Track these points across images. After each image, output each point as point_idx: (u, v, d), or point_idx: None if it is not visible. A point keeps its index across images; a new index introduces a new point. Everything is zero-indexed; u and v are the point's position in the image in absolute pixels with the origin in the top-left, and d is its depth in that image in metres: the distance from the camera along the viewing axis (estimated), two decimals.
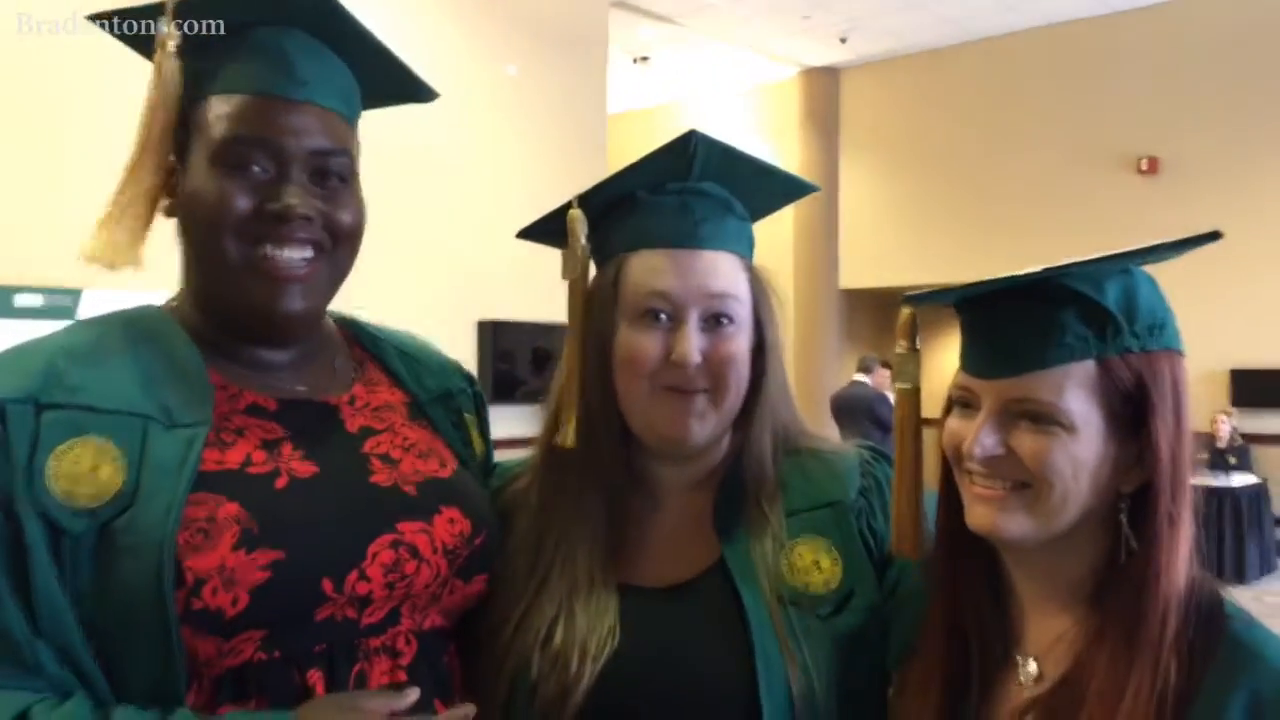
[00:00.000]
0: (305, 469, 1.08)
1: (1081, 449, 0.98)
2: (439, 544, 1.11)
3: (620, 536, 1.22)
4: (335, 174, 1.11)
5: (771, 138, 10.55)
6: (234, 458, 1.05)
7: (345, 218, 1.12)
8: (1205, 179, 8.62)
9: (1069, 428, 0.98)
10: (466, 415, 1.31)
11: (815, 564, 1.17)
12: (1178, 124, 8.76)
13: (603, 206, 1.23)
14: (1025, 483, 1.00)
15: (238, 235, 1.06)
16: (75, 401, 1.01)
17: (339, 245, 1.12)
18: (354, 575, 1.05)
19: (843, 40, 9.58)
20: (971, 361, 1.04)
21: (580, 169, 8.04)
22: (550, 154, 7.74)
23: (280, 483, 1.06)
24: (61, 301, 5.02)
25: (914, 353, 1.11)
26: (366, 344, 1.28)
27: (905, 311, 1.12)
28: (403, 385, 1.26)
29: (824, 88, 10.55)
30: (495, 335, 6.98)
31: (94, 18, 1.15)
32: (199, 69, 1.09)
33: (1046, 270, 0.98)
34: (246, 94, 1.08)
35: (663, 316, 1.17)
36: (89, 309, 5.02)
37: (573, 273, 1.22)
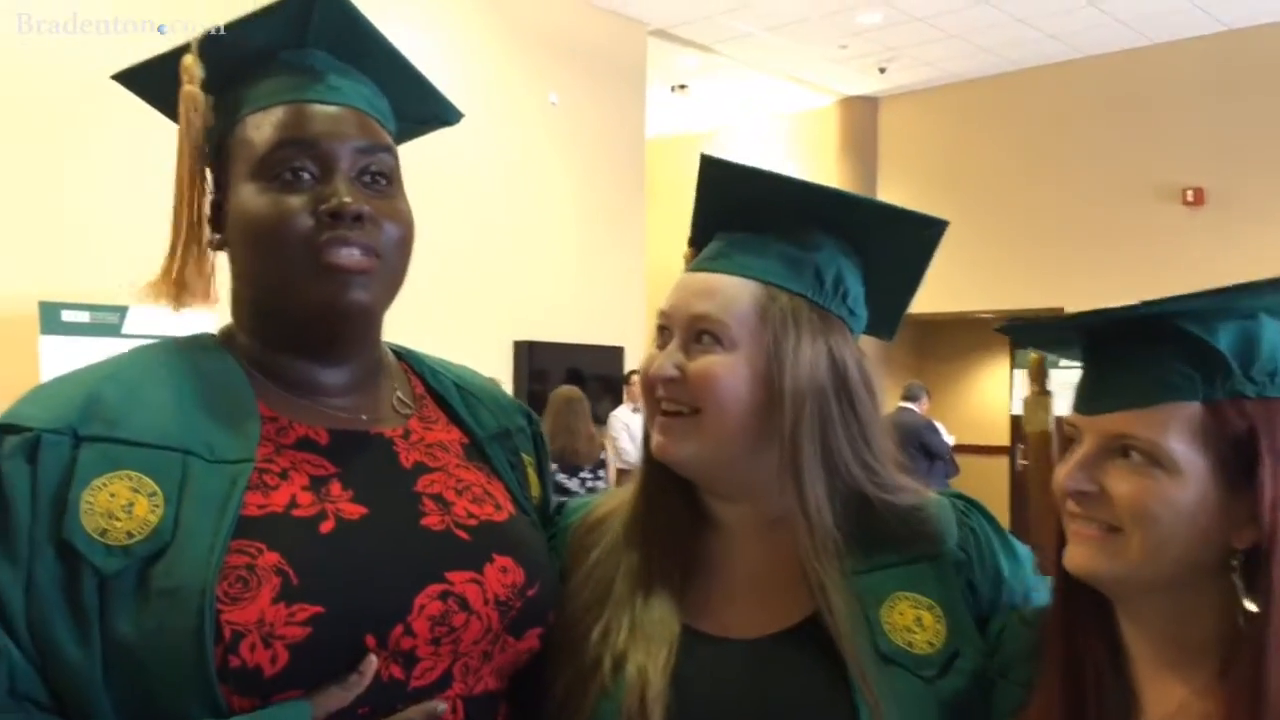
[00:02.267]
0: (353, 510, 1.02)
1: (1181, 494, 0.91)
2: (490, 595, 1.03)
3: (698, 581, 1.14)
4: (382, 174, 1.08)
5: (809, 164, 10.55)
6: (278, 500, 0.99)
7: (396, 218, 1.08)
8: (1252, 211, 8.50)
9: (1169, 469, 0.92)
10: (525, 456, 1.26)
11: (917, 622, 1.08)
12: (1224, 155, 8.65)
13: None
14: (1116, 527, 0.94)
15: (298, 243, 1.02)
16: (114, 435, 0.96)
17: (392, 246, 1.07)
18: (398, 629, 0.98)
19: (881, 70, 9.58)
20: (1077, 398, 1.00)
21: (619, 193, 8.11)
22: (590, 179, 7.80)
23: (326, 527, 0.99)
24: (108, 318, 5.10)
25: (1045, 395, 1.08)
26: (425, 377, 1.23)
27: (1034, 356, 1.09)
28: (460, 423, 1.20)
29: (862, 116, 10.55)
30: (531, 355, 7.04)
31: (118, 77, 1.14)
32: (228, 100, 1.08)
33: (1149, 306, 0.94)
34: (281, 103, 1.06)
35: (665, 330, 1.15)
36: (135, 325, 5.11)
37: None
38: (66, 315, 4.96)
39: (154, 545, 0.93)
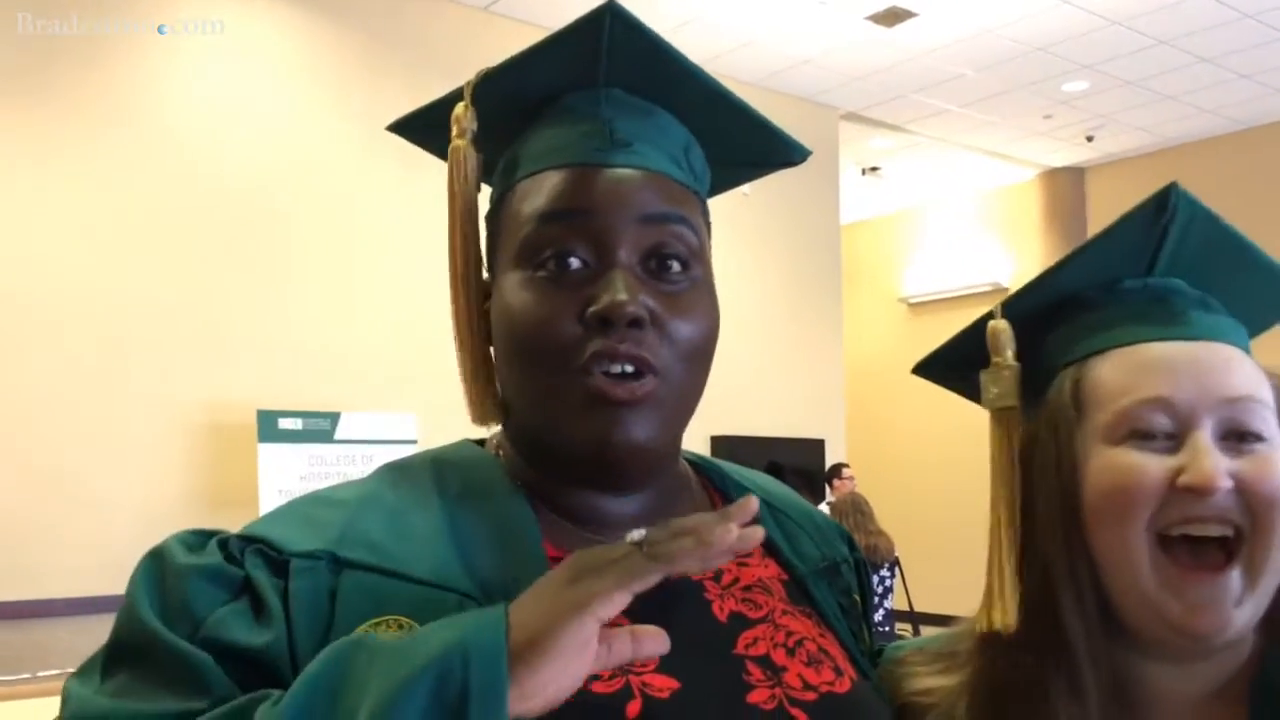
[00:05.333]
0: (663, 684, 0.79)
1: None
2: None
3: None
4: (675, 257, 0.84)
5: (1010, 240, 10.12)
6: None
7: (690, 323, 0.84)
8: None
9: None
10: (854, 596, 1.00)
11: None
12: None
13: (1035, 314, 0.94)
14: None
15: (557, 358, 0.81)
16: (378, 564, 0.78)
17: (680, 360, 0.83)
18: None
19: (1089, 139, 9.12)
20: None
21: (815, 281, 7.95)
22: (784, 268, 7.69)
23: (633, 710, 0.76)
24: (320, 425, 5.30)
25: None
26: (732, 496, 0.96)
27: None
28: (777, 555, 0.95)
29: (1068, 188, 10.06)
30: (730, 451, 6.89)
31: (393, 128, 0.97)
32: (505, 161, 0.89)
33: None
34: (552, 167, 0.85)
35: (1159, 435, 0.82)
36: (346, 430, 5.29)
37: (1003, 399, 0.91)
38: (282, 423, 5.18)
39: None
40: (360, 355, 5.68)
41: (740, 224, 7.13)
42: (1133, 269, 0.90)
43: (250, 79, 5.58)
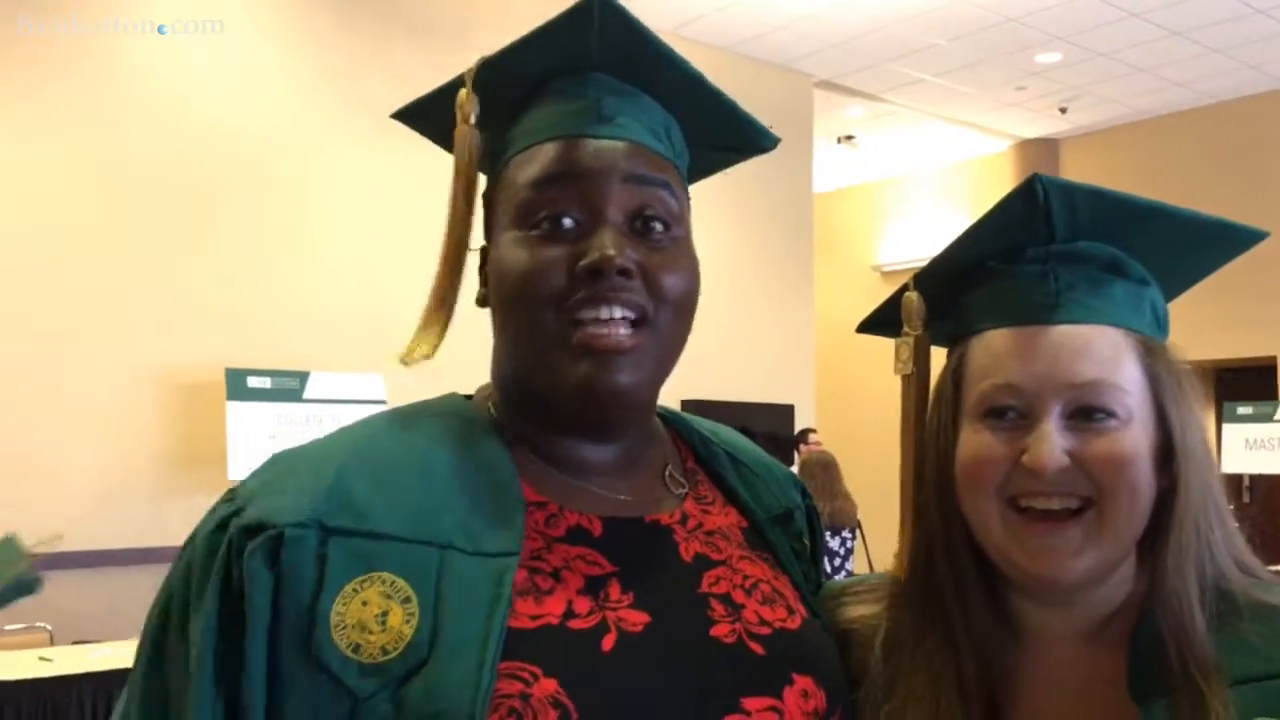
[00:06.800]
0: (636, 619, 0.86)
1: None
2: None
3: (989, 704, 0.93)
4: (659, 219, 0.92)
5: (982, 211, 10.16)
6: (554, 609, 0.84)
7: (672, 275, 0.91)
8: None
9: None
10: (805, 541, 1.08)
11: None
12: None
13: (947, 283, 1.00)
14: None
15: (549, 307, 0.88)
16: (365, 528, 0.83)
17: (664, 311, 0.91)
18: None
19: (1063, 110, 9.16)
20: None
21: (787, 249, 7.96)
22: (756, 235, 7.69)
23: (608, 643, 0.84)
24: (289, 384, 5.28)
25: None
26: (696, 447, 1.06)
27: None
28: (737, 502, 1.03)
29: (1041, 159, 10.10)
30: (699, 414, 6.91)
31: (397, 115, 1.03)
32: (501, 138, 0.97)
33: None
34: (547, 140, 0.92)
35: (1011, 414, 0.90)
36: (315, 390, 5.26)
37: (905, 367, 0.99)
38: (251, 381, 5.16)
39: (410, 661, 0.79)
40: (330, 315, 5.65)
41: (713, 191, 7.09)
42: (1033, 239, 0.95)
43: (215, 36, 5.49)
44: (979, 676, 0.93)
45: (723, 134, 1.05)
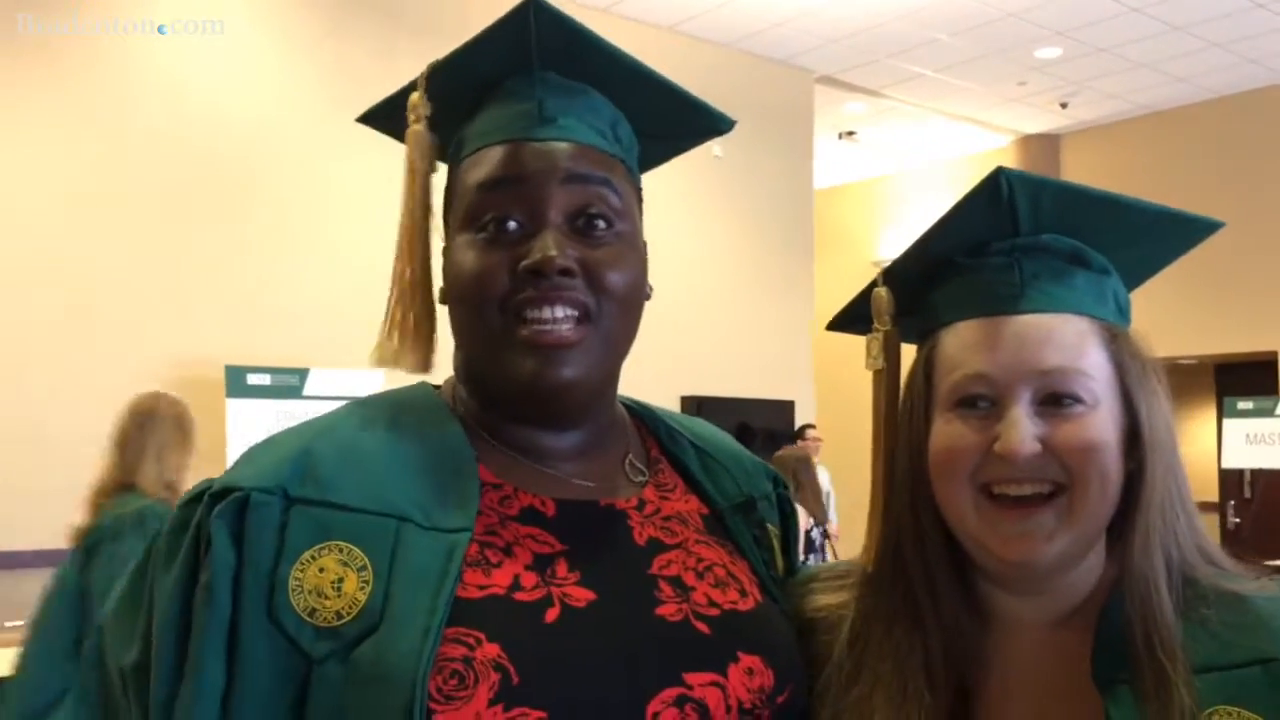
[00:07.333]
0: (581, 595, 0.90)
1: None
2: (734, 701, 0.89)
3: (959, 689, 0.95)
4: (601, 216, 0.95)
5: None
6: (501, 580, 0.88)
7: (614, 271, 0.94)
8: None
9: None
10: (770, 527, 1.11)
11: None
12: None
13: (914, 279, 1.02)
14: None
15: (495, 307, 0.93)
16: (325, 498, 0.88)
17: (607, 306, 0.94)
18: None
19: (1063, 105, 9.15)
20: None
21: (787, 245, 7.96)
22: (757, 231, 7.69)
23: (551, 615, 0.87)
24: (289, 381, 5.28)
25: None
26: (661, 438, 1.09)
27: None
28: (699, 490, 1.07)
29: (1043, 154, 10.10)
30: (699, 411, 6.93)
31: (362, 119, 1.08)
32: (456, 141, 1.00)
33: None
34: (491, 144, 0.96)
35: (982, 403, 0.93)
36: (315, 386, 5.27)
37: (875, 363, 1.02)
38: (251, 378, 5.16)
39: (362, 626, 0.84)
40: (329, 312, 5.65)
41: (713, 186, 7.12)
42: (997, 234, 0.97)
43: (215, 36, 5.49)
44: (947, 663, 0.95)
45: (676, 121, 1.08)
